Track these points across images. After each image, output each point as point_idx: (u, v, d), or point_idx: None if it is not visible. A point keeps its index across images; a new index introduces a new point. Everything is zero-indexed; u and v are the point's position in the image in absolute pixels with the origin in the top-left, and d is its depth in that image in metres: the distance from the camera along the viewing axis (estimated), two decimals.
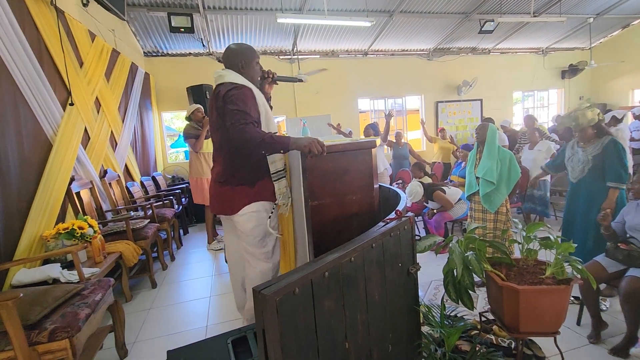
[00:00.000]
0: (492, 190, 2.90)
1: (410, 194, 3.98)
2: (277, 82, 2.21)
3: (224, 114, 1.82)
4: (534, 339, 1.94)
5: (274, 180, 1.95)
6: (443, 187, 4.06)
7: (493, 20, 6.27)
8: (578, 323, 2.32)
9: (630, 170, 4.07)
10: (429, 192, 4.00)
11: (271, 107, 2.27)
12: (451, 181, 4.93)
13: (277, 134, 1.82)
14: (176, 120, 8.25)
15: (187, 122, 4.27)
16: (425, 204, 4.21)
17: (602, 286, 2.34)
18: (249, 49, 2.04)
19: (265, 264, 1.98)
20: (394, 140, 6.29)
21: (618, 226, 2.25)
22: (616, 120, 4.50)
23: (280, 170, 1.97)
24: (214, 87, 2.00)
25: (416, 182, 4.11)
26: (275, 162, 1.95)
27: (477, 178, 3.00)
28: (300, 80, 2.36)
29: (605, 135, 2.63)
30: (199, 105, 4.34)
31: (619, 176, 2.53)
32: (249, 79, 1.97)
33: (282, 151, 1.84)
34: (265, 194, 1.95)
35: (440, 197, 3.92)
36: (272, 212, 2.01)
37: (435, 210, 4.04)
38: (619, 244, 2.14)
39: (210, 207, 2.10)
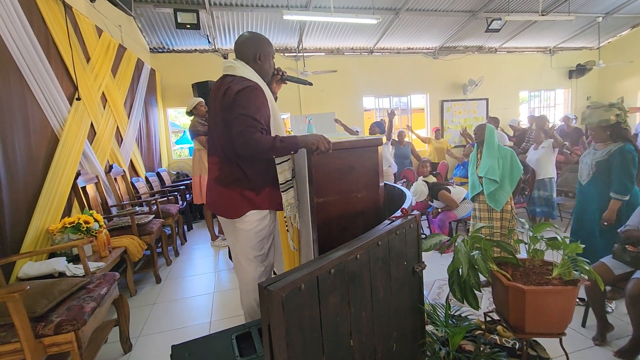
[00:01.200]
0: (496, 189, 2.89)
1: (415, 193, 3.97)
2: (286, 82, 2.07)
3: (232, 114, 1.68)
4: (539, 340, 1.92)
5: (282, 191, 1.84)
6: (448, 187, 4.05)
7: (500, 19, 6.21)
8: (583, 325, 2.31)
9: None
10: (434, 191, 3.99)
11: None
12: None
13: (284, 135, 1.74)
14: (181, 116, 8.27)
15: (191, 118, 4.23)
16: (430, 203, 4.20)
17: (607, 289, 2.32)
18: (266, 40, 1.87)
19: (259, 266, 1.93)
20: (397, 140, 6.27)
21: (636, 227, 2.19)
22: None
23: (289, 180, 1.86)
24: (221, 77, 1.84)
25: (421, 181, 4.10)
26: (284, 171, 1.82)
27: (480, 178, 2.99)
28: (310, 84, 2.26)
29: (622, 140, 2.43)
30: (201, 99, 4.22)
31: (623, 188, 2.39)
32: (261, 75, 1.82)
33: (292, 152, 1.75)
34: (271, 201, 1.85)
35: (445, 197, 3.91)
36: (285, 219, 1.98)
37: (440, 210, 4.03)
38: (626, 246, 2.12)
39: (211, 208, 1.95)
